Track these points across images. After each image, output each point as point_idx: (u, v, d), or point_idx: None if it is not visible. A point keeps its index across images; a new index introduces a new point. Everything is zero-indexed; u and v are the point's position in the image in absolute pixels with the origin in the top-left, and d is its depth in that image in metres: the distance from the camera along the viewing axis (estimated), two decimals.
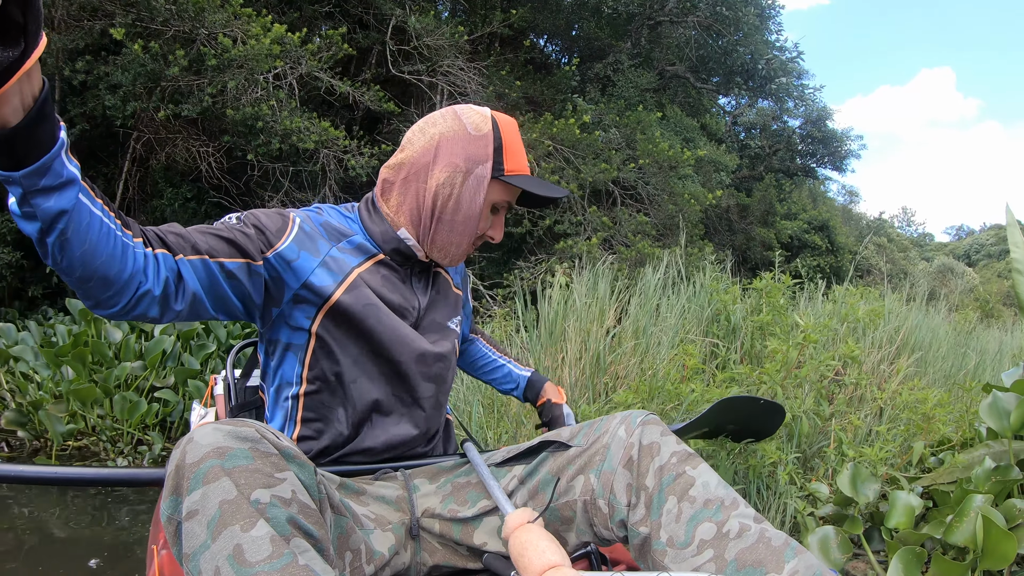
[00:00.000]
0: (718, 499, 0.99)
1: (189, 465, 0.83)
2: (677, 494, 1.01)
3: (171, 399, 4.60)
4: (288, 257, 1.18)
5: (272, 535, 0.79)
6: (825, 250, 16.81)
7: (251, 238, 1.16)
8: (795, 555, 0.93)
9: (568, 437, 1.16)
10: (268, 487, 0.83)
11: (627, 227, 8.75)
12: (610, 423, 1.12)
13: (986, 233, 47.10)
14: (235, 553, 0.77)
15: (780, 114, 16.96)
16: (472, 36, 9.44)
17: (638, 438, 1.07)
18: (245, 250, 1.13)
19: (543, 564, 0.93)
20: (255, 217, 1.20)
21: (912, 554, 1.85)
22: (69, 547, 2.99)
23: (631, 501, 1.05)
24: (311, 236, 1.22)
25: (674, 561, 0.98)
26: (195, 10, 6.79)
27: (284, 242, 1.19)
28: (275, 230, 1.19)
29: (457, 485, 1.23)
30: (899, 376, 3.62)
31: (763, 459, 2.52)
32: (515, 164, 1.27)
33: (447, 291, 1.43)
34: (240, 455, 0.84)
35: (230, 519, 0.79)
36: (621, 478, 1.06)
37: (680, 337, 3.70)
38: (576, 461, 1.13)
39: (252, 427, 0.89)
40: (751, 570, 0.93)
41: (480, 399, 3.52)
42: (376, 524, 1.11)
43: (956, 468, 2.40)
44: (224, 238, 1.12)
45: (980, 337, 6.19)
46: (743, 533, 0.95)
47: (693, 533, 0.97)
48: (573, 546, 1.16)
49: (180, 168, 7.66)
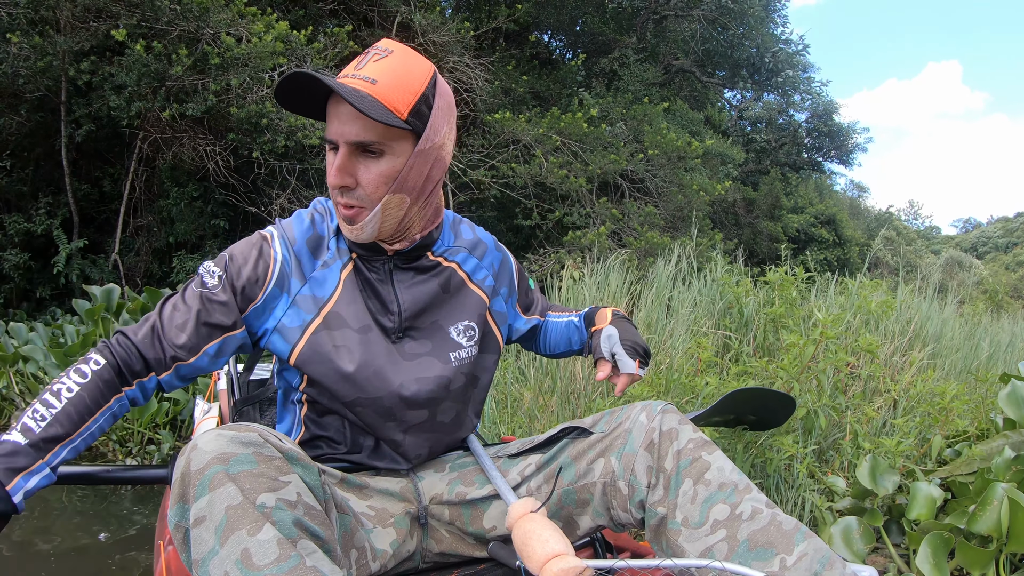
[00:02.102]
0: (732, 483, 1.02)
1: (194, 472, 0.85)
2: (693, 477, 1.03)
3: (181, 398, 4.59)
4: (265, 308, 1.15)
5: (279, 538, 0.80)
6: (832, 243, 16.76)
7: (227, 306, 1.13)
8: (805, 539, 0.96)
9: (589, 424, 1.17)
10: (273, 491, 0.84)
11: (636, 219, 8.74)
12: (631, 411, 1.13)
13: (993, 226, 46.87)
14: (243, 557, 0.78)
15: (786, 108, 16.93)
16: (477, 32, 9.42)
17: (659, 424, 1.08)
18: (222, 326, 1.13)
19: (547, 553, 0.95)
20: (234, 269, 1.14)
21: (940, 539, 1.85)
22: (74, 542, 2.99)
23: (651, 482, 1.06)
24: (286, 274, 1.15)
25: (688, 540, 1.01)
26: (199, 10, 6.78)
27: (262, 295, 1.14)
28: (253, 281, 1.14)
29: (463, 471, 1.23)
30: (913, 368, 3.60)
31: (780, 453, 2.50)
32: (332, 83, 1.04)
33: (460, 289, 1.27)
34: (244, 460, 0.85)
35: (237, 524, 0.80)
36: (642, 460, 1.07)
37: (693, 330, 3.68)
38: (597, 446, 1.14)
39: (255, 431, 0.90)
40: (762, 551, 0.95)
41: (493, 394, 3.50)
42: (376, 521, 1.11)
43: (975, 459, 2.38)
44: (203, 328, 1.12)
45: (991, 329, 6.15)
46: (755, 516, 0.98)
47: (707, 514, 1.00)
48: (586, 530, 1.16)
49: (187, 167, 7.66)
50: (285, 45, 6.99)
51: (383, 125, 1.04)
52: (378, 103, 1.03)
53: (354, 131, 1.05)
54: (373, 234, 1.14)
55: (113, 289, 5.58)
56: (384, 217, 1.12)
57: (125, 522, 3.29)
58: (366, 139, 1.05)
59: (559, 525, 1.16)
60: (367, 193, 1.09)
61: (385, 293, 1.18)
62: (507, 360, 3.95)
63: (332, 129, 1.08)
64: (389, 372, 1.15)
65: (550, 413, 3.30)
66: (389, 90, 1.04)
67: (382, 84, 1.04)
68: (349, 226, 1.13)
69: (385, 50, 1.09)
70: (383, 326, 1.17)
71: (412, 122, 1.07)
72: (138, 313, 5.34)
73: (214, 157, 7.43)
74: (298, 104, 1.10)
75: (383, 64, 1.07)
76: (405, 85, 1.06)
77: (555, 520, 1.16)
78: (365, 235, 1.13)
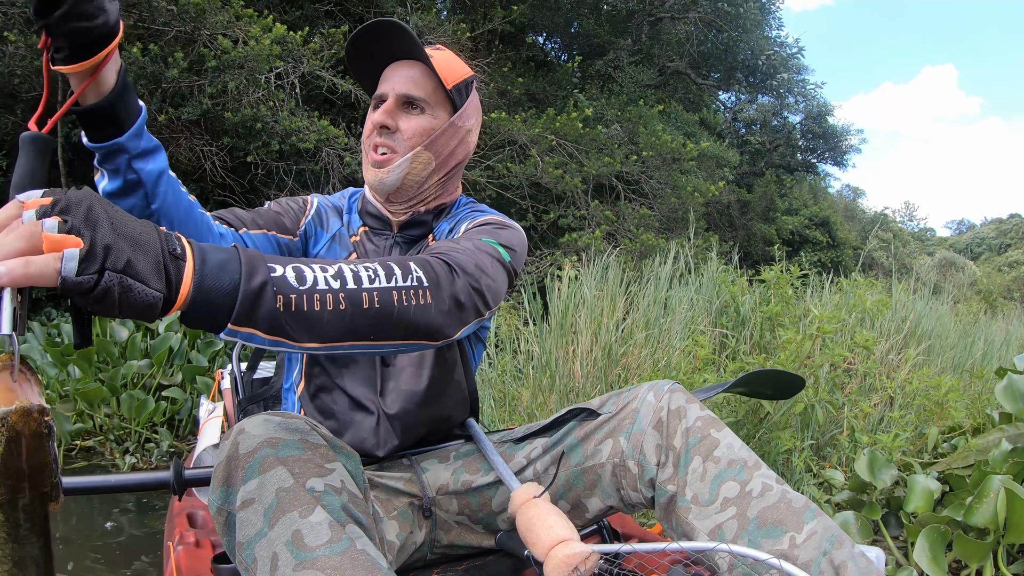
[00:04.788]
0: (741, 460, 1.02)
1: (243, 455, 0.85)
2: (702, 454, 1.03)
3: (179, 397, 4.58)
4: (306, 236, 1.32)
5: (330, 520, 0.80)
6: (826, 245, 16.81)
7: (287, 215, 1.29)
8: (814, 517, 0.96)
9: (596, 406, 1.18)
10: (321, 476, 0.84)
11: (631, 220, 8.76)
12: (639, 391, 1.14)
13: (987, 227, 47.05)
14: (294, 538, 0.78)
15: (780, 110, 16.94)
16: (473, 33, 9.43)
17: (667, 402, 1.09)
18: (286, 227, 1.27)
19: (552, 539, 0.95)
20: (284, 200, 1.33)
21: (937, 532, 1.86)
22: (81, 546, 2.99)
23: (660, 460, 1.07)
24: (323, 214, 1.34)
25: (698, 518, 1.01)
26: (196, 11, 6.78)
27: (303, 222, 1.32)
28: (299, 208, 1.33)
29: (468, 459, 1.24)
30: (908, 365, 3.62)
31: (778, 447, 2.52)
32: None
33: None
34: (292, 445, 0.86)
35: (288, 506, 0.80)
36: (651, 439, 1.08)
37: (691, 328, 3.70)
38: (604, 427, 1.14)
39: (300, 419, 0.91)
40: (771, 528, 0.95)
41: (491, 392, 3.51)
42: (383, 513, 1.12)
43: (971, 452, 2.40)
44: (272, 214, 1.26)
45: (985, 327, 6.19)
46: (765, 493, 0.98)
47: (717, 491, 1.00)
48: (595, 512, 1.17)
49: (184, 168, 7.64)
50: (282, 48, 6.98)
51: (431, 86, 1.23)
52: (436, 72, 1.23)
53: (406, 86, 1.23)
54: (397, 182, 1.24)
55: None
56: (411, 169, 1.24)
57: (131, 523, 3.29)
58: (415, 94, 1.22)
59: (567, 508, 1.17)
60: (404, 139, 1.23)
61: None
62: (504, 359, 3.96)
63: (384, 87, 1.25)
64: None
65: (549, 411, 3.32)
66: (442, 64, 1.25)
67: (438, 59, 1.25)
68: (377, 170, 1.24)
69: (437, 47, 1.30)
70: None
71: (452, 95, 1.26)
72: None
73: (211, 158, 7.42)
74: (360, 62, 1.28)
75: (438, 52, 1.28)
76: (453, 67, 1.27)
77: (563, 502, 1.16)
78: (391, 180, 1.23)
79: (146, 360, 4.81)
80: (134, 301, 0.64)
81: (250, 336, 0.74)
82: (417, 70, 1.23)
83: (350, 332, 0.82)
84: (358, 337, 0.84)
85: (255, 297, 0.73)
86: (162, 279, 0.66)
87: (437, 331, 0.95)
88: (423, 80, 1.23)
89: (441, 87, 1.24)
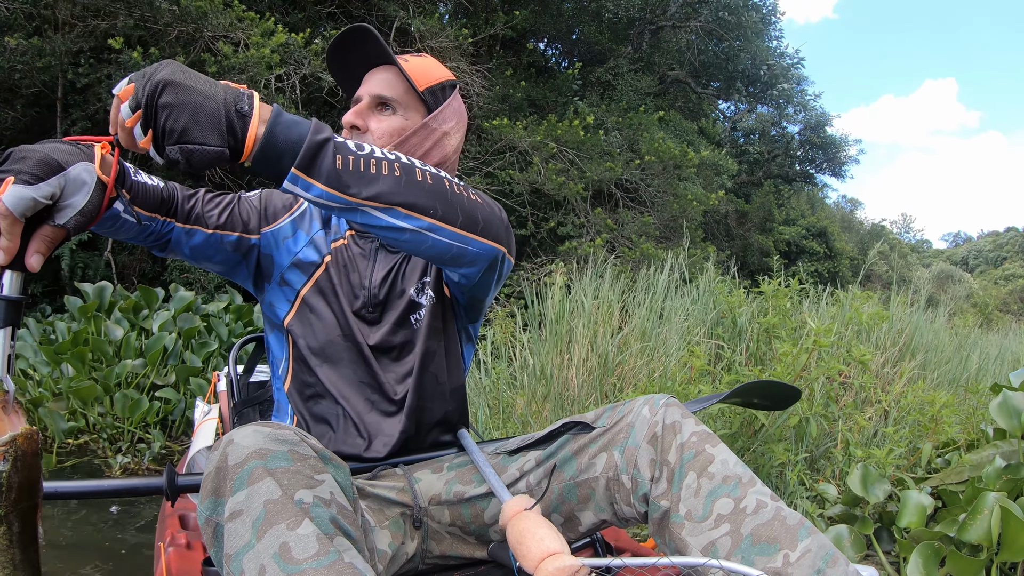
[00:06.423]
0: (736, 476, 1.01)
1: (232, 467, 0.84)
2: (696, 470, 1.02)
3: (172, 397, 4.57)
4: (278, 236, 1.31)
5: (318, 533, 0.80)
6: (823, 255, 16.84)
7: (255, 211, 1.31)
8: (809, 535, 0.95)
9: (591, 419, 1.17)
10: (310, 488, 0.84)
11: (631, 228, 8.76)
12: (633, 405, 1.13)
13: (984, 240, 47.22)
14: (281, 551, 0.78)
15: (779, 120, 17.00)
16: (475, 38, 9.45)
17: (661, 417, 1.08)
18: (245, 225, 1.29)
19: (542, 552, 0.94)
20: (266, 194, 1.35)
21: (931, 550, 1.85)
22: (71, 548, 2.97)
23: (654, 475, 1.06)
24: (308, 215, 1.34)
25: (691, 534, 1.00)
26: (198, 13, 6.78)
27: (280, 222, 1.32)
28: (279, 207, 1.33)
29: (461, 470, 1.23)
30: (903, 379, 3.63)
31: (771, 460, 2.51)
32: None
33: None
34: (281, 456, 0.85)
35: (276, 518, 0.80)
36: (645, 453, 1.07)
37: (687, 339, 3.70)
38: (599, 440, 1.13)
39: (290, 430, 0.91)
40: (765, 546, 0.94)
41: (486, 400, 3.51)
42: (375, 523, 1.11)
43: (965, 468, 2.39)
44: (230, 211, 1.28)
45: (980, 341, 6.20)
46: (759, 510, 0.97)
47: (711, 508, 0.99)
48: (588, 525, 1.16)
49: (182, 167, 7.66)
50: (281, 56, 6.97)
51: (403, 87, 1.27)
52: (405, 72, 1.27)
53: (379, 87, 1.28)
54: None
55: (105, 287, 5.55)
56: None
57: (120, 524, 3.27)
58: (386, 94, 1.27)
59: (560, 521, 1.16)
60: (374, 139, 1.26)
61: (366, 268, 1.30)
62: (499, 367, 3.95)
63: (360, 90, 1.30)
64: (353, 326, 1.32)
65: (543, 419, 3.31)
66: (415, 68, 1.30)
67: (412, 63, 1.31)
68: None
69: (420, 54, 1.35)
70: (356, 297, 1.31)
71: (426, 97, 1.29)
72: (130, 311, 5.32)
73: None
74: (341, 66, 1.33)
75: (415, 56, 1.34)
76: (428, 71, 1.31)
77: (556, 516, 1.16)
78: None
79: (140, 360, 4.80)
80: (200, 159, 0.83)
81: (308, 186, 0.88)
82: (391, 73, 1.29)
83: (406, 199, 0.96)
84: (418, 209, 0.97)
85: (318, 147, 0.88)
86: (222, 136, 0.83)
87: (495, 232, 1.10)
88: (395, 82, 1.28)
89: (413, 89, 1.27)
